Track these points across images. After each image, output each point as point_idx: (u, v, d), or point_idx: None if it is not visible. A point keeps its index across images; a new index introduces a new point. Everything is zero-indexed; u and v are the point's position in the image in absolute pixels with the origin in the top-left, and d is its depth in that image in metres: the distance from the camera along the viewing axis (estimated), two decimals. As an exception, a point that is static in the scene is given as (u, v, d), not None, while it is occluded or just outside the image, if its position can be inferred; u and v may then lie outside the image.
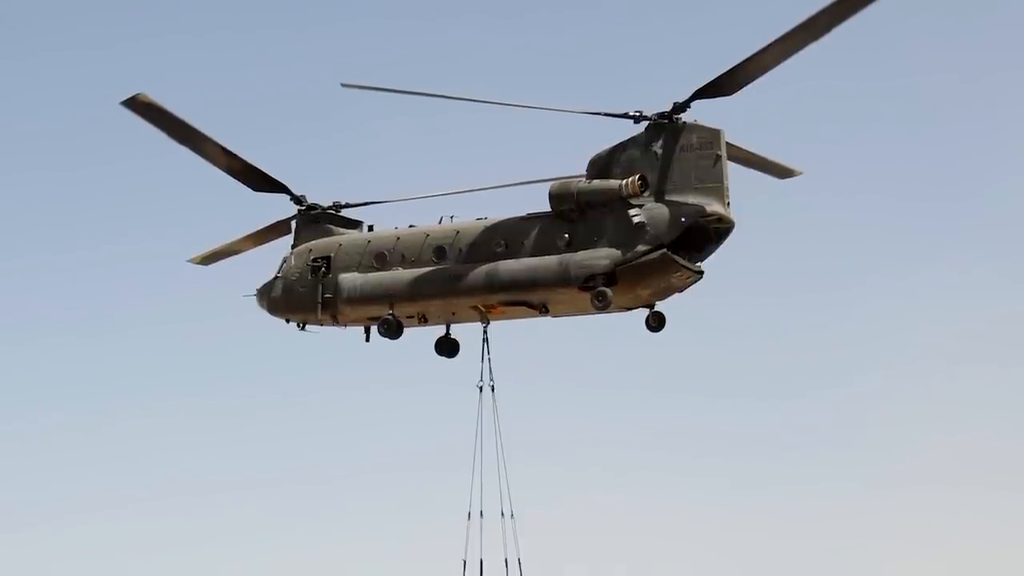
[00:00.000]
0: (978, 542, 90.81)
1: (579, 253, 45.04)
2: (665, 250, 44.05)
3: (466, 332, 49.05)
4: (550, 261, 45.34)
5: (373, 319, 48.41)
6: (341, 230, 50.40)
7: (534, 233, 46.16)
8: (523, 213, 46.93)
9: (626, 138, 45.47)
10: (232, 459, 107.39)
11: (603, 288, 44.42)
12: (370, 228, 50.49)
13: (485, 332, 48.74)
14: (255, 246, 52.92)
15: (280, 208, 51.19)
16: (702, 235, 44.61)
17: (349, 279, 48.43)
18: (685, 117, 44.54)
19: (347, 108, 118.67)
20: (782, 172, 49.82)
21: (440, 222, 48.38)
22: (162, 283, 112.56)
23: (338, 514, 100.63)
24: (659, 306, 46.09)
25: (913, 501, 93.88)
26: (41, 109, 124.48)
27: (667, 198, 44.36)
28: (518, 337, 50.92)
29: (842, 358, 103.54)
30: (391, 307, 47.60)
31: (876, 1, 40.14)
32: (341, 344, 50.99)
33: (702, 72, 43.79)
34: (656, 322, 46.10)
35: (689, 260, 44.57)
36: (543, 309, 46.41)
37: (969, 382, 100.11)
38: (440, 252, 47.33)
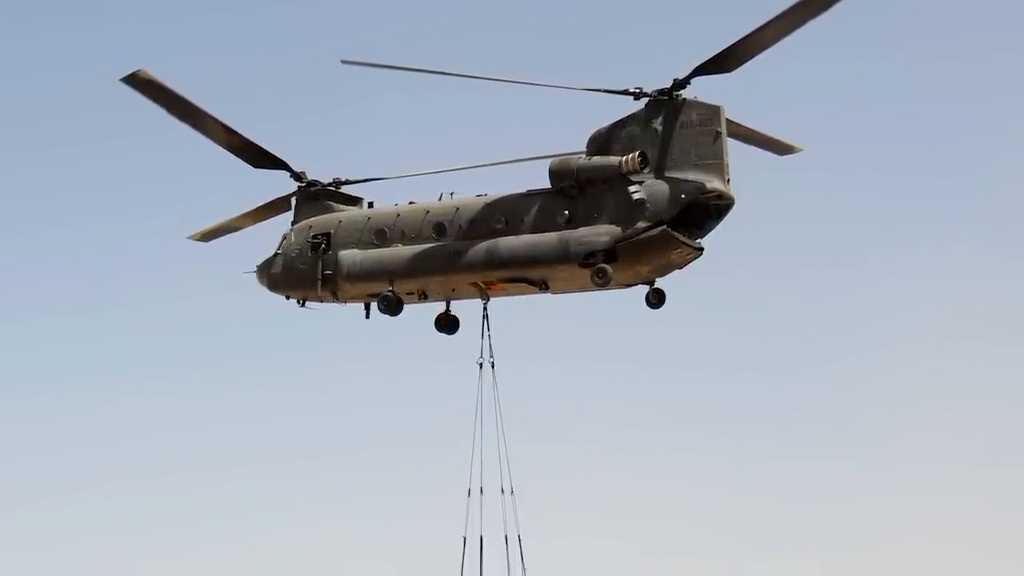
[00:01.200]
0: (975, 519, 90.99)
1: (579, 230, 45.07)
2: (665, 227, 44.08)
3: (466, 309, 49.15)
4: (550, 238, 45.38)
5: (373, 296, 48.45)
6: (341, 207, 50.40)
7: (534, 210, 46.18)
8: (523, 190, 46.96)
9: (626, 115, 45.47)
10: (232, 435, 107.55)
11: (603, 265, 44.46)
12: (370, 205, 50.47)
13: (485, 309, 48.78)
14: (255, 223, 52.91)
15: (280, 185, 51.25)
16: (702, 212, 44.63)
17: (349, 256, 48.46)
18: (685, 94, 44.54)
19: (347, 85, 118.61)
20: (782, 149, 49.81)
21: (440, 199, 48.38)
22: (162, 260, 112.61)
23: (338, 490, 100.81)
24: (659, 283, 46.11)
25: (911, 478, 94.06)
26: (41, 86, 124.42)
27: (667, 175, 44.39)
28: (518, 314, 51.00)
29: (841, 335, 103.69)
30: (391, 284, 47.65)
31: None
32: (341, 321, 51.08)
33: (702, 49, 43.85)
34: (656, 299, 46.14)
35: (689, 237, 44.60)
36: (543, 286, 46.45)
37: (967, 359, 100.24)
38: (440, 229, 47.35)
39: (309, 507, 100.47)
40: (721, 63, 43.51)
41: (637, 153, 44.66)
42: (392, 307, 47.73)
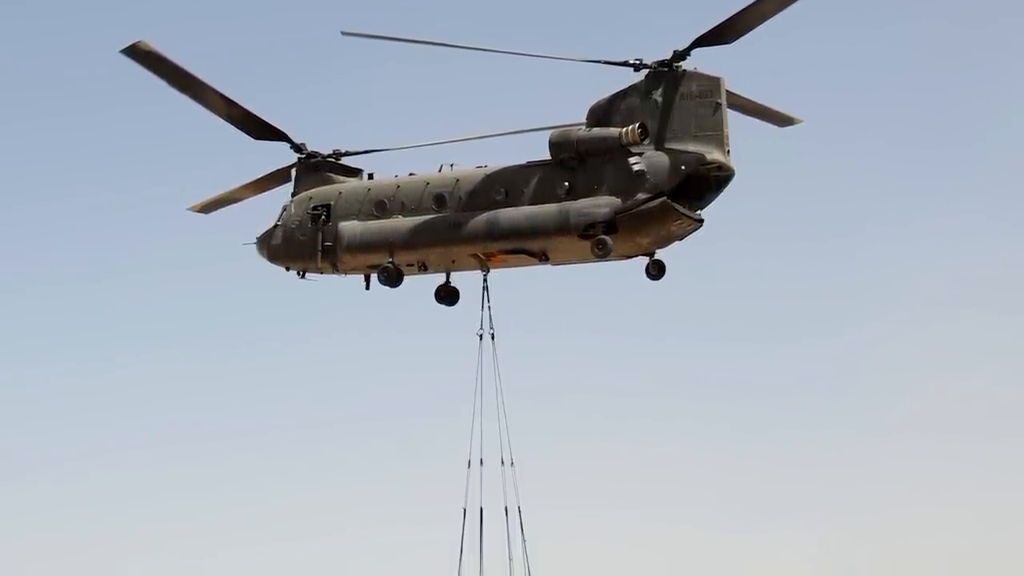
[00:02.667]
0: (974, 489, 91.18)
1: (579, 201, 45.12)
2: (665, 198, 44.15)
3: (466, 280, 49.19)
4: (550, 209, 45.42)
5: (373, 267, 48.48)
6: (341, 178, 50.38)
7: (534, 181, 46.21)
8: (523, 161, 46.98)
9: (626, 86, 45.51)
10: (232, 406, 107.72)
11: (603, 236, 44.54)
12: (370, 176, 50.49)
13: (485, 280, 48.83)
14: (255, 194, 52.89)
15: (280, 156, 51.24)
16: (702, 183, 44.67)
17: (349, 227, 48.48)
18: (685, 65, 44.55)
19: (347, 56, 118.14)
20: (782, 120, 49.83)
21: (440, 170, 48.38)
22: (162, 231, 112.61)
23: (338, 460, 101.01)
24: (659, 254, 46.19)
25: (909, 448, 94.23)
26: (41, 57, 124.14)
27: (667, 146, 44.44)
28: (518, 285, 51.13)
29: (840, 306, 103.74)
30: (391, 255, 47.69)
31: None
32: (341, 292, 51.15)
33: (702, 20, 43.83)
34: (656, 270, 46.21)
35: (689, 208, 44.66)
36: (543, 257, 46.49)
37: (966, 330, 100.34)
38: (440, 200, 47.37)
39: (309, 477, 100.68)
40: (721, 35, 43.52)
41: (637, 125, 44.69)
42: (392, 278, 47.78)
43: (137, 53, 47.00)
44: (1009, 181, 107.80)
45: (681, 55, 44.43)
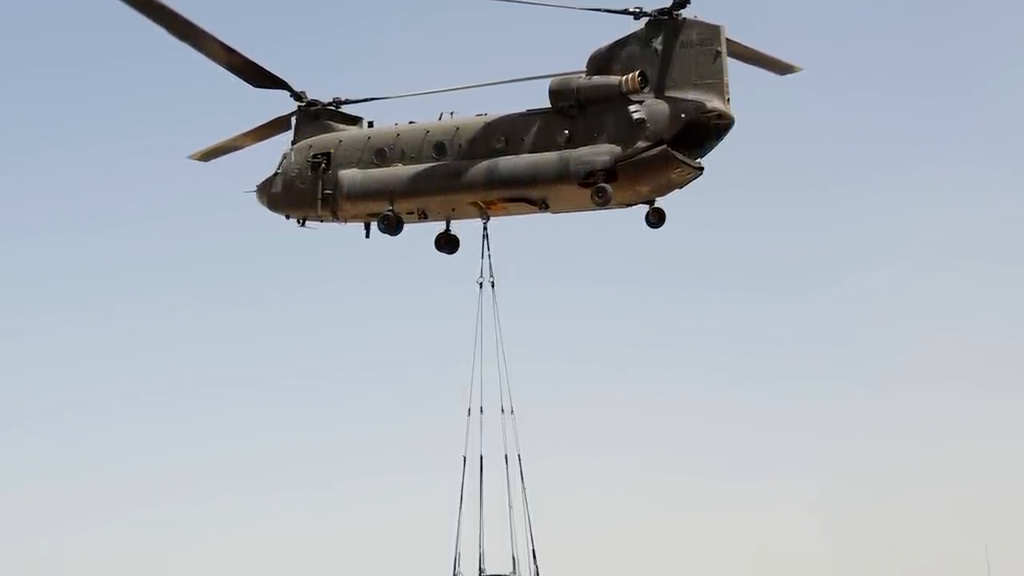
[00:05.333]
0: (974, 439, 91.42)
1: (579, 149, 45.13)
2: (665, 146, 44.18)
3: (466, 228, 49.20)
4: (550, 157, 45.44)
5: (373, 215, 48.50)
6: (341, 126, 50.32)
7: (534, 129, 46.21)
8: (523, 109, 46.94)
9: (626, 34, 45.44)
10: (232, 355, 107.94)
11: (603, 184, 44.57)
12: (370, 124, 50.41)
13: (485, 228, 48.83)
14: (255, 142, 52.77)
15: (280, 104, 51.12)
16: (702, 131, 44.70)
17: (349, 175, 48.48)
18: (685, 13, 44.48)
19: (347, 4, 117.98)
20: (782, 68, 49.71)
21: (440, 118, 48.33)
22: (162, 179, 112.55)
23: (338, 409, 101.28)
24: (659, 202, 46.24)
25: (909, 398, 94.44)
26: (40, 5, 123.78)
27: (667, 94, 44.43)
28: (518, 233, 51.07)
29: (840, 255, 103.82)
30: (391, 203, 47.69)
31: None
32: (341, 240, 51.15)
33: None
34: (656, 218, 46.26)
35: (689, 156, 44.69)
36: (543, 205, 46.52)
37: (967, 279, 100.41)
38: (440, 148, 47.37)
39: (309, 426, 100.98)
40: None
41: (637, 73, 44.66)
42: (392, 226, 47.81)
43: (137, 1, 46.87)
44: (1009, 130, 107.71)
45: (681, 3, 44.34)
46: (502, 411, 47.98)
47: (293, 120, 51.08)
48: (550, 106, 46.06)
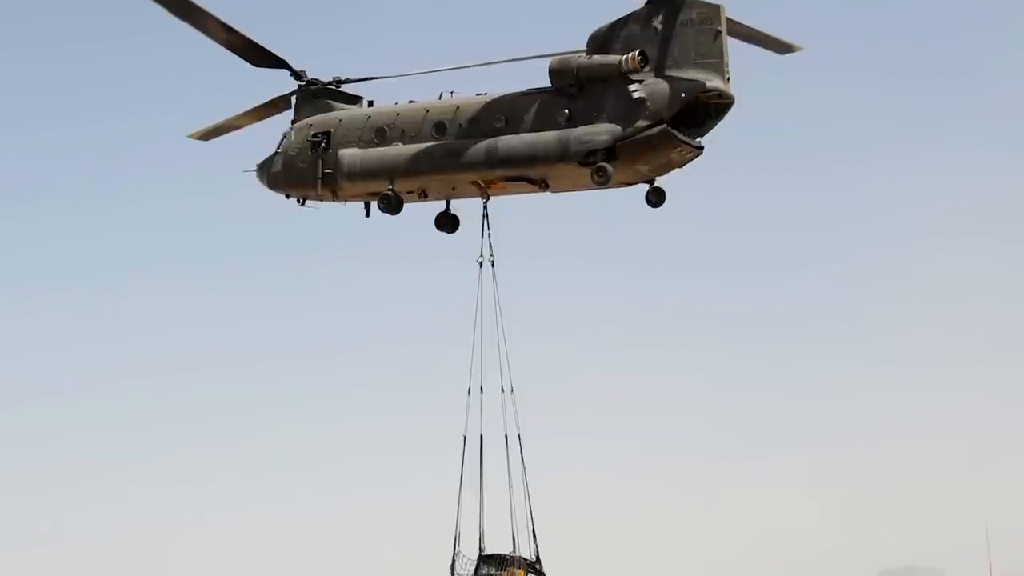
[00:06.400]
0: (974, 417, 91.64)
1: (579, 128, 45.14)
2: (665, 125, 44.20)
3: (466, 208, 49.22)
4: (550, 136, 45.46)
5: (373, 194, 48.51)
6: (341, 106, 50.31)
7: (534, 109, 46.21)
8: (523, 89, 46.93)
9: (626, 13, 45.41)
10: (232, 334, 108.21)
11: (603, 163, 44.60)
12: (370, 104, 50.39)
13: (485, 207, 48.87)
14: (255, 121, 52.70)
15: (280, 83, 51.13)
16: (702, 111, 44.72)
17: (349, 154, 48.45)
18: (685, -7, 44.52)
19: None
20: (782, 48, 49.63)
21: (440, 98, 48.34)
22: (163, 158, 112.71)
23: (338, 389, 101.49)
24: (659, 181, 46.27)
25: (910, 376, 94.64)
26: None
27: (667, 74, 44.43)
28: (518, 212, 51.12)
29: (840, 234, 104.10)
30: (391, 182, 47.70)
31: None
32: (341, 219, 51.20)
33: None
34: (656, 197, 46.30)
35: (689, 136, 44.70)
36: (543, 184, 46.57)
37: (967, 258, 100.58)
38: (440, 127, 47.37)
39: (309, 405, 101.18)
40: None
41: (637, 52, 44.65)
42: (392, 206, 47.83)
43: (136, -21, 46.84)
44: (1010, 111, 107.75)
45: (681, -18, 44.37)
46: (502, 391, 48.10)
47: (293, 99, 51.06)
48: (550, 85, 46.05)
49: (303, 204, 50.38)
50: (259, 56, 49.87)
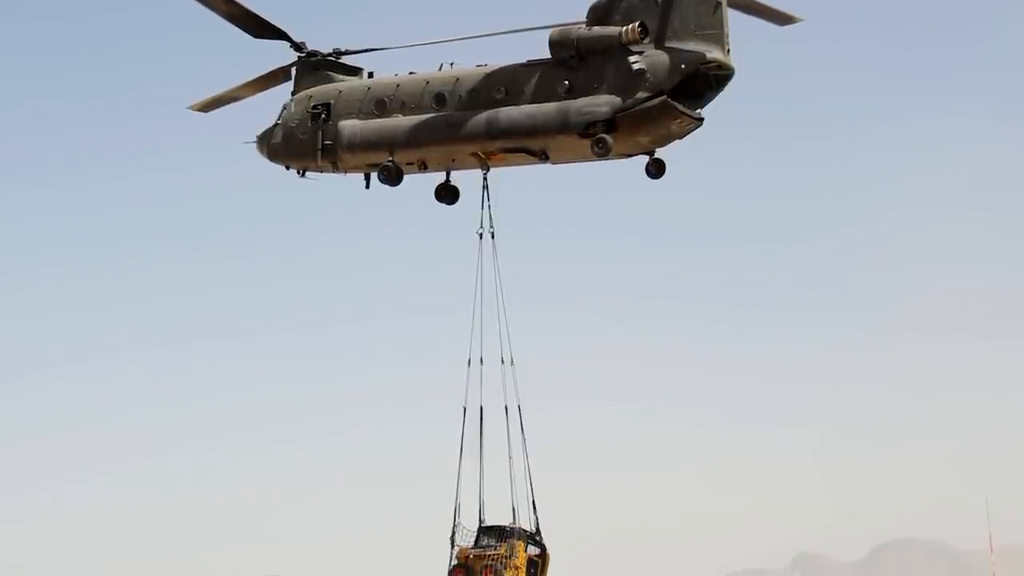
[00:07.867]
0: (973, 388, 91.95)
1: (579, 100, 45.20)
2: (665, 97, 44.27)
3: (466, 179, 49.30)
4: (550, 108, 45.52)
5: (373, 166, 48.59)
6: (341, 77, 50.36)
7: (534, 80, 46.27)
8: (523, 60, 46.95)
9: (627, -16, 45.40)
10: (232, 305, 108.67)
11: (603, 135, 44.69)
12: (370, 75, 50.43)
13: (485, 179, 48.96)
14: (255, 93, 52.76)
15: (280, 55, 51.16)
16: (702, 82, 44.78)
17: (349, 126, 48.51)
18: (685, -37, 44.47)
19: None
20: (782, 19, 49.61)
21: (440, 69, 48.39)
22: (163, 130, 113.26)
23: (338, 360, 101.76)
24: (659, 152, 46.35)
25: (909, 347, 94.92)
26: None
27: (667, 45, 44.47)
28: (518, 184, 51.20)
29: (840, 205, 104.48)
30: (391, 154, 47.78)
31: None
32: (341, 191, 51.29)
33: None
34: (656, 168, 46.39)
35: (689, 107, 44.75)
36: (543, 156, 46.64)
37: (966, 229, 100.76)
38: (440, 99, 47.42)
39: (309, 376, 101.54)
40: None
41: (637, 23, 44.67)
42: (392, 177, 47.91)
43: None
44: (1009, 83, 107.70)
45: (681, -47, 44.33)
46: (502, 362, 48.27)
47: (293, 71, 51.13)
48: (550, 57, 46.10)
49: (303, 175, 50.49)
50: (259, 27, 49.90)
